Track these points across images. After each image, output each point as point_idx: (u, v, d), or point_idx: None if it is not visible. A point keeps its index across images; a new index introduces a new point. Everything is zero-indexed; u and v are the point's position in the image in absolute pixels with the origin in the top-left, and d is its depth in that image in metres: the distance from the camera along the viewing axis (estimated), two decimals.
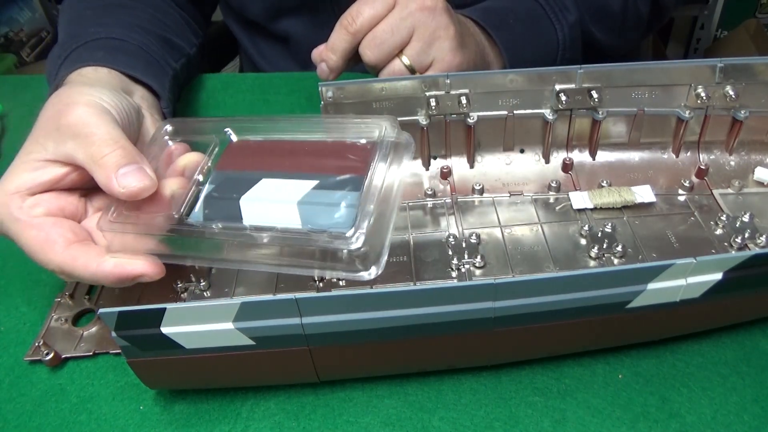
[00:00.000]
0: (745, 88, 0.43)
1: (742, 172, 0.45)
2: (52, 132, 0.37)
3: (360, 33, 0.48)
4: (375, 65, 0.48)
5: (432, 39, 0.48)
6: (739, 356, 0.37)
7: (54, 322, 0.41)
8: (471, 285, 0.31)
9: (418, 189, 0.47)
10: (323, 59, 0.50)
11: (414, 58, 0.48)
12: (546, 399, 0.36)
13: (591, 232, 0.42)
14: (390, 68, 0.48)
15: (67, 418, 0.36)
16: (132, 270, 0.35)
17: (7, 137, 0.59)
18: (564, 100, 0.44)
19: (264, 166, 0.37)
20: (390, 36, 0.47)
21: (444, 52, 0.48)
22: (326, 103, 0.44)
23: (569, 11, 0.57)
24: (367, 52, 0.48)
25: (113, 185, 0.34)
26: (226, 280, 0.41)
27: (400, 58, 0.48)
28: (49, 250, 0.35)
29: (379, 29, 0.47)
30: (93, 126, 0.36)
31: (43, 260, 0.36)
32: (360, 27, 0.47)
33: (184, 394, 0.37)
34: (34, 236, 0.36)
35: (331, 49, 0.49)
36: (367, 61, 0.49)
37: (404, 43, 0.48)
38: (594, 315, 0.33)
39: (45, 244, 0.35)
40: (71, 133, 0.36)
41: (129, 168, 0.35)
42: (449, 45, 0.48)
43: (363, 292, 0.31)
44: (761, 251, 0.33)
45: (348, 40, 0.48)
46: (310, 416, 0.36)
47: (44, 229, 0.36)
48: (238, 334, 0.32)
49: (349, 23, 0.47)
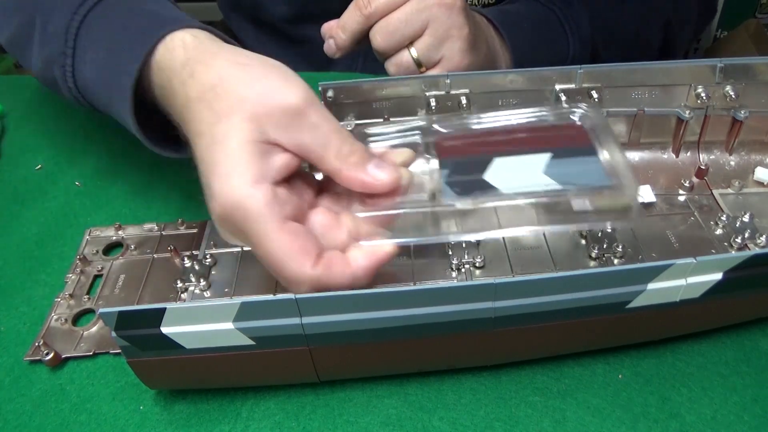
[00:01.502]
0: (745, 88, 0.43)
1: (742, 172, 0.45)
2: (261, 113, 0.31)
3: (374, 17, 0.47)
4: (383, 52, 0.48)
5: (444, 37, 0.47)
6: (739, 356, 0.37)
7: (54, 322, 0.41)
8: (471, 285, 0.31)
9: None
10: (332, 36, 0.49)
11: (423, 52, 0.47)
12: (546, 399, 0.36)
13: (591, 232, 0.42)
14: (397, 58, 0.48)
15: (67, 418, 0.36)
16: (384, 252, 0.32)
17: (7, 137, 0.59)
18: (564, 100, 0.44)
19: (487, 149, 0.38)
20: (403, 26, 0.46)
21: (454, 52, 0.48)
22: (326, 103, 0.44)
23: (582, 27, 0.57)
24: (378, 37, 0.47)
25: (368, 180, 0.32)
26: (226, 280, 0.41)
27: (409, 49, 0.47)
28: (306, 260, 0.31)
29: (393, 17, 0.46)
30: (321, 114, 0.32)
31: (295, 272, 0.31)
32: (375, 10, 0.46)
33: (184, 394, 0.37)
34: (288, 244, 0.31)
35: (341, 28, 0.48)
36: (375, 47, 0.48)
37: (416, 36, 0.47)
38: (594, 315, 0.33)
39: (301, 254, 0.31)
40: (298, 121, 0.31)
41: (374, 161, 0.33)
42: (460, 45, 0.48)
43: (363, 292, 0.31)
44: (761, 251, 0.33)
45: (360, 22, 0.47)
46: (310, 416, 0.36)
47: (300, 236, 0.31)
48: (238, 334, 0.32)
49: (364, 5, 0.47)
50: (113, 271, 0.44)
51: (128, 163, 0.55)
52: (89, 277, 0.43)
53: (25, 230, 0.49)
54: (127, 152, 0.57)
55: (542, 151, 0.37)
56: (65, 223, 0.49)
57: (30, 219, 0.50)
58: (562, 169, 0.36)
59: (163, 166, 0.55)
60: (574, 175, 0.36)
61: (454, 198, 0.35)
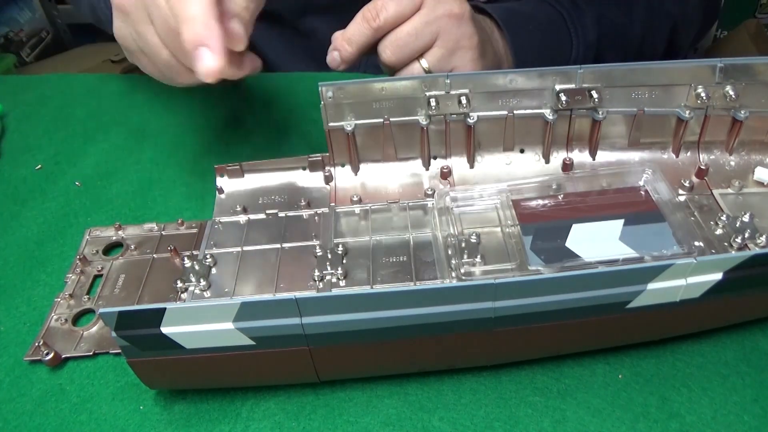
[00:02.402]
0: (745, 88, 0.43)
1: (742, 172, 0.45)
2: None
3: (382, 30, 0.46)
4: (393, 66, 0.47)
5: (455, 48, 0.47)
6: (739, 356, 0.37)
7: (54, 322, 0.41)
8: (471, 285, 0.31)
9: (418, 189, 0.47)
10: (337, 48, 0.47)
11: (434, 64, 0.47)
12: (546, 399, 0.36)
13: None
14: (408, 71, 0.47)
15: (67, 418, 0.36)
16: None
17: (7, 137, 0.59)
18: (564, 100, 0.44)
19: (563, 216, 0.41)
20: (413, 40, 0.46)
21: (465, 62, 0.47)
22: (326, 103, 0.44)
23: (588, 30, 0.56)
24: (387, 52, 0.46)
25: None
26: (226, 280, 0.41)
27: (420, 61, 0.47)
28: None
29: (402, 31, 0.45)
30: None
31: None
32: (383, 23, 0.45)
33: (184, 394, 0.37)
34: None
35: (347, 40, 0.47)
36: (384, 61, 0.47)
37: (426, 48, 0.46)
38: (594, 315, 0.33)
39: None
40: None
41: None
42: (471, 55, 0.47)
43: (363, 292, 0.31)
44: (761, 251, 0.33)
45: (368, 35, 0.46)
46: (310, 416, 0.36)
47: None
48: (238, 334, 0.32)
49: (372, 17, 0.45)
50: (113, 271, 0.44)
51: (128, 163, 0.56)
52: (89, 277, 0.43)
53: (25, 230, 0.49)
54: (127, 152, 0.57)
55: (615, 218, 0.40)
56: (65, 223, 0.49)
57: (30, 219, 0.50)
58: (635, 237, 0.39)
59: (163, 166, 0.55)
60: (647, 242, 0.39)
61: (542, 266, 0.38)
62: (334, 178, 0.48)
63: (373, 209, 0.45)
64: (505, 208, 0.42)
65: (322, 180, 0.48)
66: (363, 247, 0.42)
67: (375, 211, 0.45)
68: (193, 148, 0.57)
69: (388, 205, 0.45)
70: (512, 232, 0.41)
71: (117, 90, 0.66)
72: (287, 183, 0.48)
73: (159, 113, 0.62)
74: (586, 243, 0.39)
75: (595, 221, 0.41)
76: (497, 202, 0.43)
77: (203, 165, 0.54)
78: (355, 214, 0.45)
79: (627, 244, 0.39)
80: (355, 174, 0.48)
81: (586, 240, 0.40)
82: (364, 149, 0.47)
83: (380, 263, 0.41)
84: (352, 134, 0.46)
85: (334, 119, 0.45)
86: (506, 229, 0.41)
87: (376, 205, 0.46)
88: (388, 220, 0.44)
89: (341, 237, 0.43)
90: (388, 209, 0.45)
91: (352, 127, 0.45)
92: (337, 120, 0.45)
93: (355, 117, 0.45)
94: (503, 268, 0.39)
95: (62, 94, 0.65)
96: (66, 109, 0.63)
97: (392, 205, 0.45)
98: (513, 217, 0.42)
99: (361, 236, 0.43)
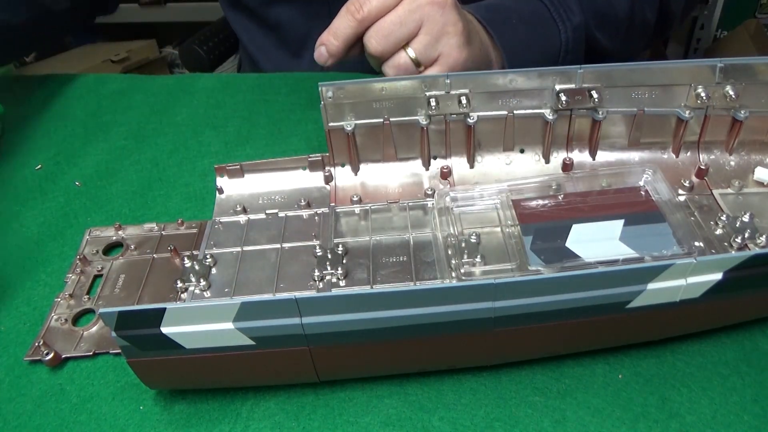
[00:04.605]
0: (745, 88, 0.43)
1: (742, 172, 0.45)
2: None
3: (366, 21, 0.46)
4: (379, 56, 0.48)
5: (440, 34, 0.47)
6: (739, 356, 0.37)
7: (54, 322, 0.41)
8: (471, 285, 0.31)
9: (418, 189, 0.47)
10: (323, 43, 0.48)
11: (420, 51, 0.47)
12: (546, 399, 0.36)
13: None
14: (395, 60, 0.48)
15: (67, 418, 0.36)
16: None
17: (7, 137, 0.59)
18: (564, 100, 0.44)
19: (563, 216, 0.41)
20: (398, 28, 0.46)
21: (451, 48, 0.48)
22: (326, 103, 0.44)
23: (574, 13, 0.56)
24: (373, 42, 0.47)
25: None
26: (226, 280, 0.41)
27: (406, 50, 0.47)
28: None
29: (387, 20, 0.46)
30: None
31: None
32: (367, 14, 0.46)
33: (184, 394, 0.37)
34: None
35: (333, 34, 0.47)
36: (371, 51, 0.47)
37: (411, 36, 0.47)
38: (594, 315, 0.33)
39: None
40: None
41: None
42: (457, 41, 0.47)
43: (363, 292, 0.31)
44: (761, 251, 0.33)
45: (353, 27, 0.46)
46: (310, 416, 0.36)
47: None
48: (238, 334, 0.32)
49: (356, 9, 0.46)
50: (113, 271, 0.44)
51: (128, 163, 0.56)
52: (89, 277, 0.43)
53: (25, 230, 0.49)
54: (127, 152, 0.57)
55: (615, 218, 0.41)
56: (65, 223, 0.49)
57: (30, 219, 0.50)
58: (635, 237, 0.39)
59: (163, 166, 0.55)
60: (647, 242, 0.39)
61: (542, 266, 0.38)
62: (334, 178, 0.48)
63: (373, 209, 0.45)
64: (505, 208, 0.42)
65: (322, 180, 0.48)
66: (363, 247, 0.42)
67: (375, 211, 0.45)
68: (193, 148, 0.57)
69: (388, 205, 0.45)
70: (512, 232, 0.41)
71: (117, 90, 0.66)
72: (287, 183, 0.48)
73: (159, 113, 0.62)
74: (586, 243, 0.39)
75: (595, 221, 0.41)
76: (497, 202, 0.43)
77: (203, 165, 0.54)
78: (355, 214, 0.45)
79: (627, 244, 0.39)
80: (355, 174, 0.48)
81: (586, 240, 0.40)
82: (364, 149, 0.47)
83: (380, 263, 0.41)
84: (352, 134, 0.46)
85: (334, 119, 0.45)
86: (506, 229, 0.42)
87: (376, 205, 0.46)
88: (388, 220, 0.44)
89: (341, 237, 0.43)
90: (388, 209, 0.45)
91: (352, 127, 0.45)
92: (337, 120, 0.45)
93: (355, 117, 0.45)
94: (503, 268, 0.39)
95: (62, 94, 0.66)
96: (66, 109, 0.63)
97: (392, 205, 0.45)
98: (513, 217, 0.42)
99: (361, 236, 0.43)
